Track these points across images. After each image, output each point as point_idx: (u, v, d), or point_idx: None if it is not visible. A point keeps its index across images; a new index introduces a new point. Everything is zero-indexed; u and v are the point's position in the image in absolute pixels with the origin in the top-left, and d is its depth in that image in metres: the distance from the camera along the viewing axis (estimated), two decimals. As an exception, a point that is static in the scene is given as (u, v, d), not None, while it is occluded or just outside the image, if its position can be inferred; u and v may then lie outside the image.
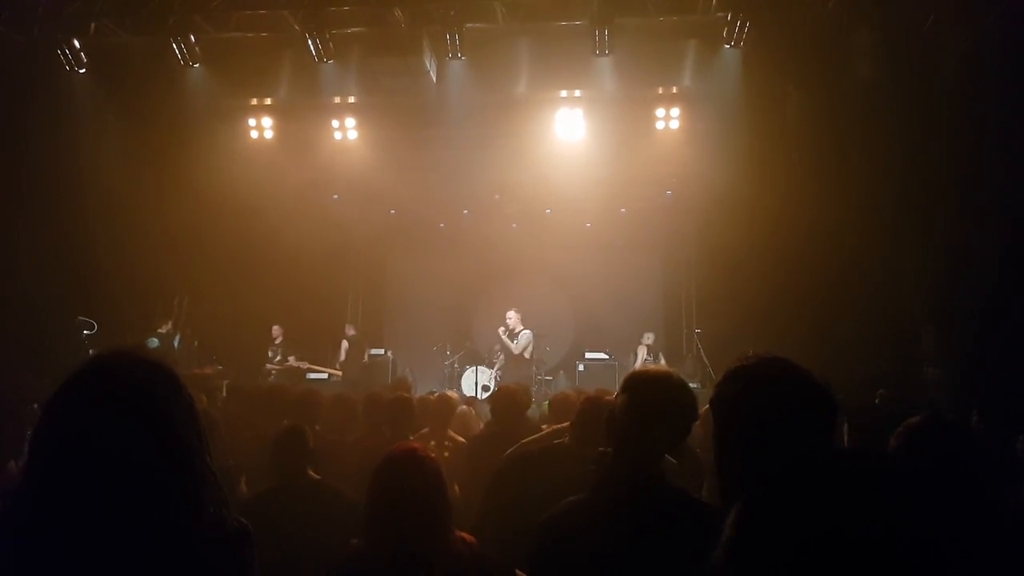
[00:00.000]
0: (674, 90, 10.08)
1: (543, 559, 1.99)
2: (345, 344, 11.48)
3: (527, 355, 10.53)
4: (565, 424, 3.55)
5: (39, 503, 1.32)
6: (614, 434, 2.03)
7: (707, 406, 1.79)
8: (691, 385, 2.18)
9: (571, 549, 1.91)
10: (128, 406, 1.37)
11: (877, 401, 4.76)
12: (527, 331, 10.52)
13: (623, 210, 12.56)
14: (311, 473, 3.27)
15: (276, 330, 11.02)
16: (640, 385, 2.06)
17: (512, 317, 10.55)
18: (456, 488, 3.56)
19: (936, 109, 7.81)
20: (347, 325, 11.92)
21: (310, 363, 10.98)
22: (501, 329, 10.58)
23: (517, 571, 2.22)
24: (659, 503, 1.93)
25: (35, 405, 3.78)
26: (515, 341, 10.43)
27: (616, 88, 9.46)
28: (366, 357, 11.65)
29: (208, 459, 1.45)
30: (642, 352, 11.38)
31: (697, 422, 2.11)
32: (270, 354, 10.94)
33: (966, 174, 7.60)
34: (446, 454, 4.25)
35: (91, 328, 9.44)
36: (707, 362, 10.76)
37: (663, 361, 11.45)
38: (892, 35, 8.40)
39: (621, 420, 2.02)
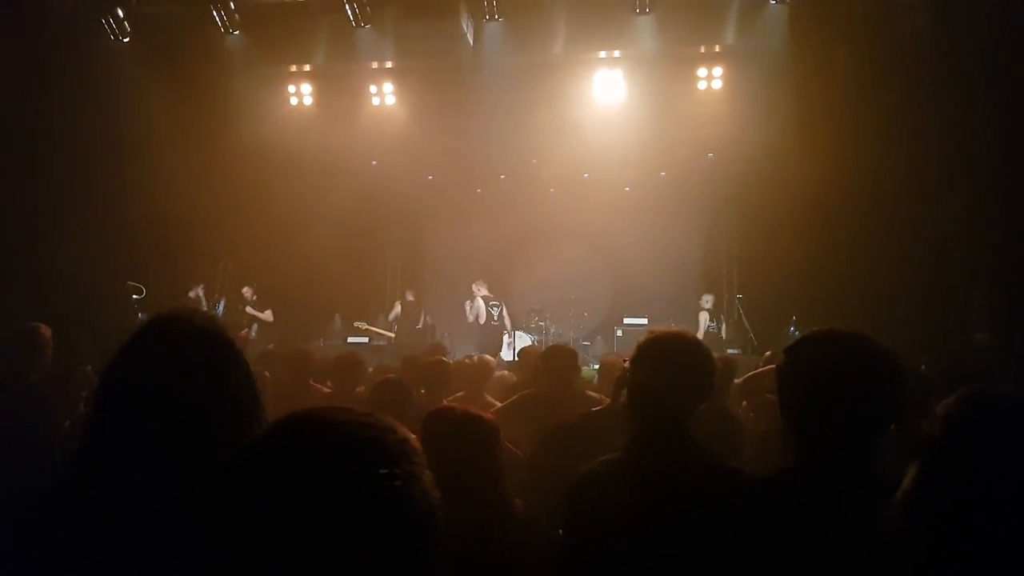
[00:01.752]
0: (716, 48, 9.81)
1: (573, 518, 2.01)
2: (398, 308, 11.52)
3: (481, 321, 10.83)
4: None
5: (101, 464, 1.35)
6: (634, 399, 2.05)
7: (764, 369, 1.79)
8: (731, 351, 2.17)
9: (598, 510, 1.93)
10: (184, 370, 1.39)
11: (924, 368, 4.61)
12: (480, 300, 10.85)
13: (663, 174, 12.36)
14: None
15: (247, 291, 10.62)
16: (651, 348, 2.07)
17: (474, 287, 10.87)
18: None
19: (986, 64, 7.48)
20: (408, 291, 12.01)
21: (368, 325, 11.18)
22: (467, 301, 10.91)
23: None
24: (683, 465, 1.93)
25: (88, 368, 3.90)
26: (470, 310, 10.80)
27: (656, 47, 9.25)
28: (420, 323, 11.71)
29: (264, 422, 1.47)
30: (704, 317, 11.19)
31: (738, 390, 2.10)
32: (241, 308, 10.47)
33: (1017, 131, 7.29)
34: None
35: (140, 292, 9.70)
36: (748, 327, 10.63)
37: (724, 326, 11.32)
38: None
39: (637, 384, 2.04)
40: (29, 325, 3.78)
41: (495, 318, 10.93)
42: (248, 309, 10.46)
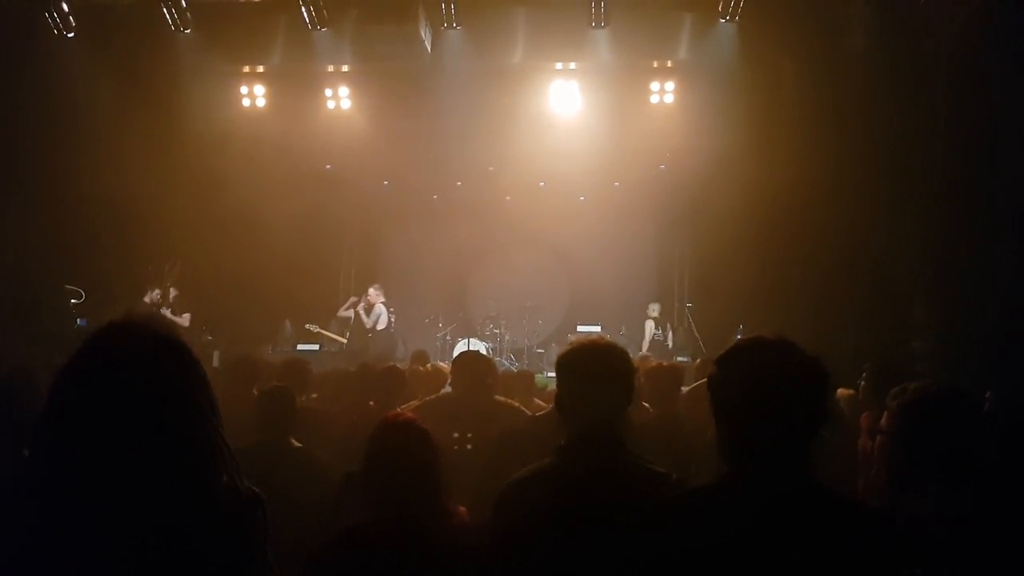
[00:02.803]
0: (669, 63, 10.01)
1: (502, 524, 2.03)
2: (352, 313, 11.14)
3: (380, 327, 10.76)
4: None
5: (53, 474, 1.33)
6: (560, 406, 2.11)
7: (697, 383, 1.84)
8: (681, 359, 2.23)
9: (526, 516, 1.96)
10: (141, 377, 1.38)
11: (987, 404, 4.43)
12: (381, 305, 10.80)
13: (617, 183, 12.54)
14: (292, 440, 3.28)
15: (172, 292, 10.12)
16: (572, 356, 2.13)
17: (372, 292, 10.76)
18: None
19: (931, 82, 7.80)
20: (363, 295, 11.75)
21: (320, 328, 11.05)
22: (362, 306, 10.77)
23: None
24: (610, 470, 1.97)
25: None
26: (369, 316, 10.65)
27: (611, 60, 9.39)
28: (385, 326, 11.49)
29: (220, 429, 1.47)
30: (650, 325, 11.37)
31: (696, 406, 2.15)
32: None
33: (961, 147, 7.61)
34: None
35: (79, 296, 9.41)
36: (698, 335, 10.84)
37: (671, 334, 11.51)
38: (887, 8, 8.35)
39: (561, 392, 2.12)
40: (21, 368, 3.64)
41: (392, 325, 10.89)
42: (165, 311, 10.02)
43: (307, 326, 10.90)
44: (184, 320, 10.11)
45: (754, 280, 9.65)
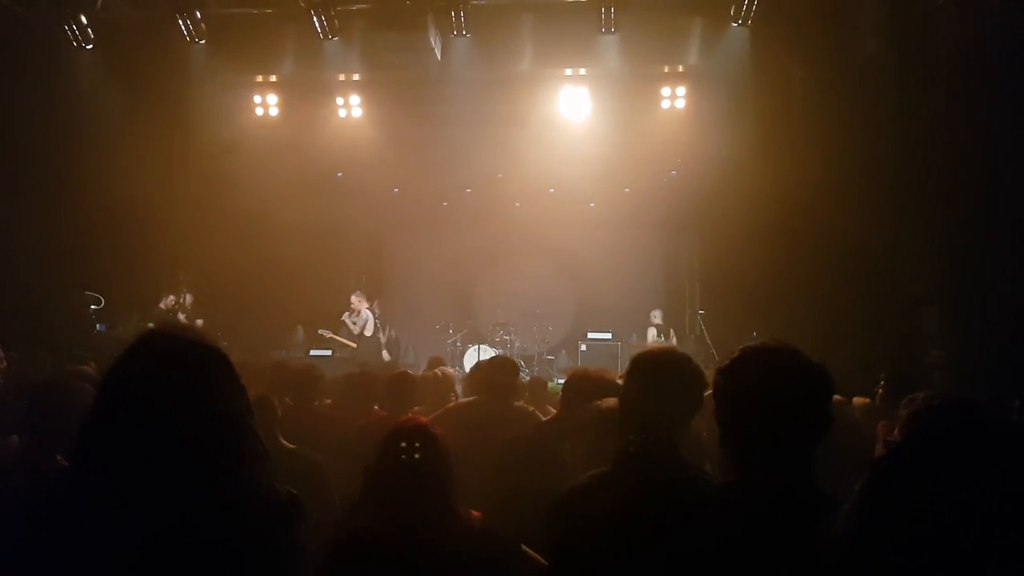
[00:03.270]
0: (680, 69, 10.00)
1: (560, 534, 2.00)
2: (348, 318, 11.28)
3: (368, 333, 10.89)
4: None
5: (96, 476, 1.36)
6: (625, 413, 2.09)
7: (708, 391, 1.84)
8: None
9: (585, 525, 1.94)
10: (181, 385, 1.42)
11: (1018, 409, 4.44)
12: (367, 311, 10.92)
13: (627, 190, 12.53)
14: (283, 442, 3.31)
15: (188, 297, 10.39)
16: (644, 363, 2.12)
17: (355, 300, 10.86)
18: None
19: (941, 87, 7.75)
20: (374, 302, 11.93)
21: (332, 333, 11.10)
22: (347, 315, 10.86)
23: (524, 547, 2.24)
24: (666, 481, 1.93)
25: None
26: (355, 323, 10.74)
27: (621, 66, 9.39)
28: (384, 336, 11.63)
29: (257, 434, 1.51)
30: (652, 332, 11.44)
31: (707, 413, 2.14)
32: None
33: (971, 153, 7.56)
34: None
35: (98, 303, 9.51)
36: (710, 343, 10.79)
37: (674, 340, 11.51)
38: (899, 13, 8.32)
39: (629, 398, 2.09)
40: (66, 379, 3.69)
41: (380, 330, 11.02)
42: (180, 316, 10.17)
43: (320, 331, 10.96)
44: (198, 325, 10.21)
45: (766, 287, 9.61)
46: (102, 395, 1.42)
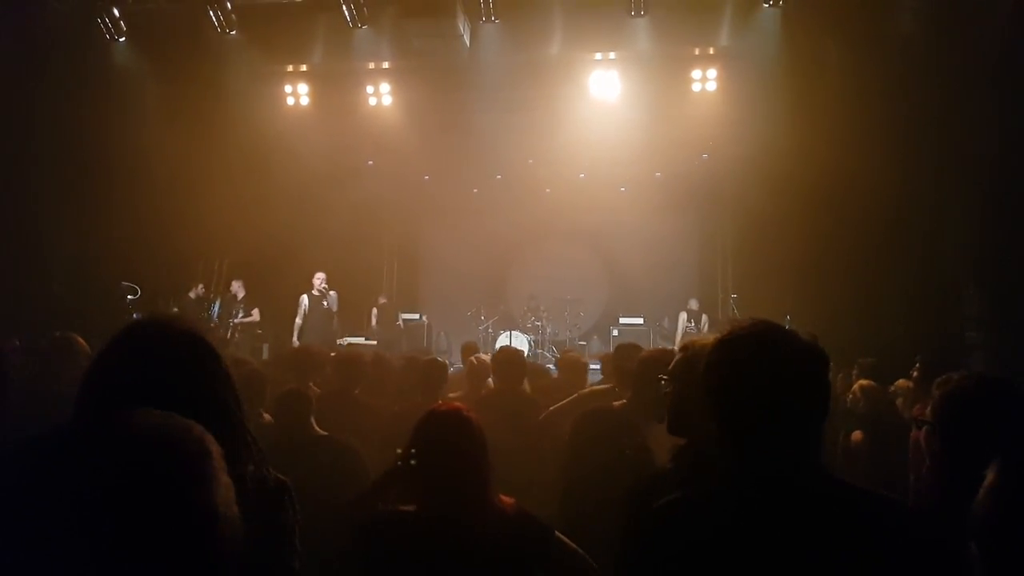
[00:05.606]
0: (711, 51, 9.87)
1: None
2: (375, 312, 11.64)
3: (335, 308, 10.47)
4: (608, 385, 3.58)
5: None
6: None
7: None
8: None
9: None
10: (166, 370, 1.42)
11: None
12: (333, 291, 10.47)
13: (658, 174, 12.43)
14: (316, 429, 3.36)
15: (235, 285, 10.52)
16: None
17: (320, 277, 10.38)
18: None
19: (981, 64, 7.54)
20: (381, 295, 12.14)
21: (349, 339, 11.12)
22: (316, 292, 10.28)
23: (557, 533, 2.24)
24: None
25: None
26: (325, 302, 10.28)
27: (651, 49, 9.30)
28: (399, 321, 11.80)
29: (245, 421, 1.51)
30: (683, 318, 11.36)
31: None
32: (234, 311, 10.39)
33: (1012, 131, 7.35)
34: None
35: (134, 293, 9.70)
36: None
37: (706, 327, 11.43)
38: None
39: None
40: (65, 335, 3.80)
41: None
42: (239, 318, 10.33)
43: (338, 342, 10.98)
44: (255, 315, 10.41)
45: (799, 271, 9.48)
46: (82, 385, 1.42)
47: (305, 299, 10.10)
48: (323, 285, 10.18)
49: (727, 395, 1.52)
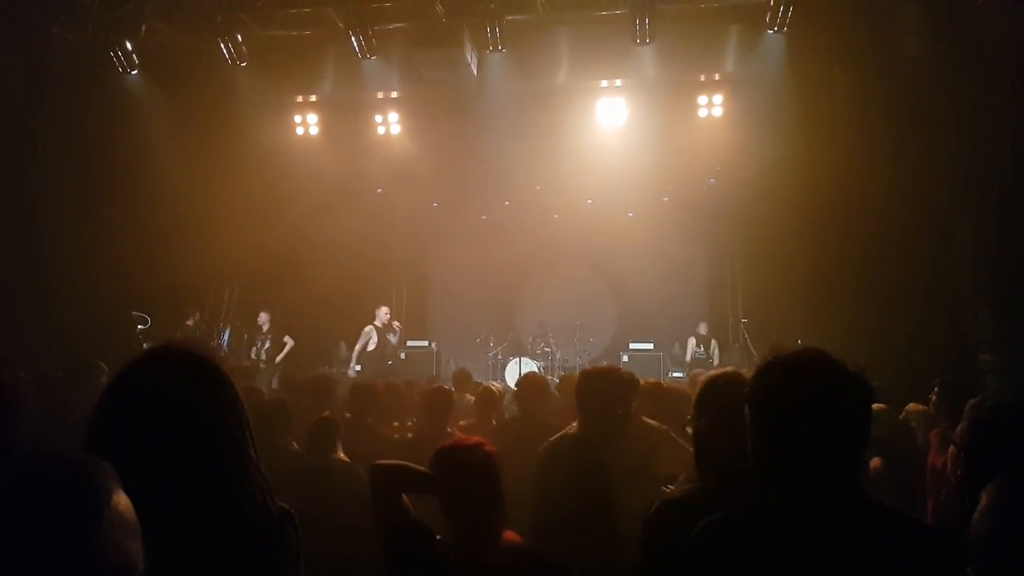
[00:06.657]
0: (717, 76, 9.95)
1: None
2: (374, 335, 11.08)
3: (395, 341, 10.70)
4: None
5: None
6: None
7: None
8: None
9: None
10: (173, 400, 1.43)
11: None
12: (397, 323, 10.83)
13: (666, 199, 12.46)
14: (341, 456, 3.37)
15: (263, 317, 10.51)
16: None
17: (384, 311, 10.68)
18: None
19: (990, 86, 7.56)
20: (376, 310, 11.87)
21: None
22: (380, 324, 10.49)
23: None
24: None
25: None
26: (391, 335, 10.53)
27: (657, 76, 9.38)
28: (403, 354, 11.65)
29: (252, 449, 1.51)
30: (692, 343, 11.33)
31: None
32: (257, 343, 10.38)
33: (1021, 153, 7.35)
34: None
35: (144, 323, 9.73)
36: (754, 352, 10.62)
37: (716, 351, 11.38)
38: (941, 11, 8.15)
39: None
40: (87, 360, 3.80)
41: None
42: (266, 348, 10.34)
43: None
44: (288, 342, 10.47)
45: (809, 294, 9.45)
46: (93, 414, 1.43)
47: (372, 331, 10.34)
48: (387, 317, 10.46)
49: (773, 418, 1.54)
